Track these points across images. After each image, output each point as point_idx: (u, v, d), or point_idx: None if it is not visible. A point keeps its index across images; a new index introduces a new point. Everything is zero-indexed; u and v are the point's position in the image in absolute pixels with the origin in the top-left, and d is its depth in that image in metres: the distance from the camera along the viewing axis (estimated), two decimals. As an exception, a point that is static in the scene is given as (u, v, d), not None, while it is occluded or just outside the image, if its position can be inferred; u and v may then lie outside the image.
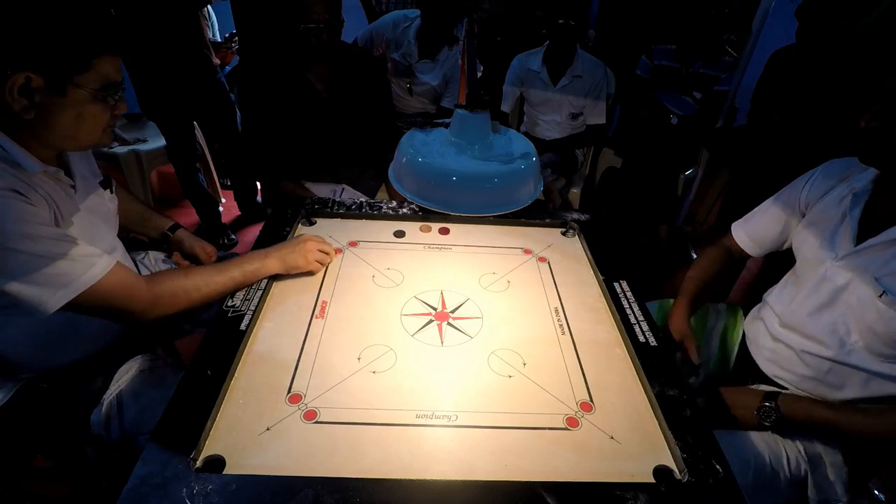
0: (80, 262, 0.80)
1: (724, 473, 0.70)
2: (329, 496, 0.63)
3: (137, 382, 0.98)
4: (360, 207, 1.29)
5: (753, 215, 1.17)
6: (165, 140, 2.26)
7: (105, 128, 0.86)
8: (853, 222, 0.94)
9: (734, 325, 1.22)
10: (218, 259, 1.26)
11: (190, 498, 0.62)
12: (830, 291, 0.96)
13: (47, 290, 0.77)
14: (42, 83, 0.74)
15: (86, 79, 0.78)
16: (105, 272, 0.82)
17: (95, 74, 0.79)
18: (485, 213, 1.00)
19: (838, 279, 0.94)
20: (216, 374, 0.79)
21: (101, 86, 0.80)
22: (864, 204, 0.94)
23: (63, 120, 0.80)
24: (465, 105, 0.97)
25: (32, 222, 0.75)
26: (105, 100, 0.82)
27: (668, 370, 0.87)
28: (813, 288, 0.99)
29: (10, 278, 0.74)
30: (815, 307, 0.98)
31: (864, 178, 0.95)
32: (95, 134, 0.85)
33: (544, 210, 1.30)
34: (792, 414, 0.93)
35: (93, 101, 0.80)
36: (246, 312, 0.92)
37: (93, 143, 0.87)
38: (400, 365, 0.87)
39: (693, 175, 2.47)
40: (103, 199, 1.01)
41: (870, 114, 0.84)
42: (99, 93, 0.80)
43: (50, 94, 0.76)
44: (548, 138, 2.39)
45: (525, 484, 0.67)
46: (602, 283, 1.09)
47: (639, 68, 2.31)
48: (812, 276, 1.00)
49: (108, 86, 0.81)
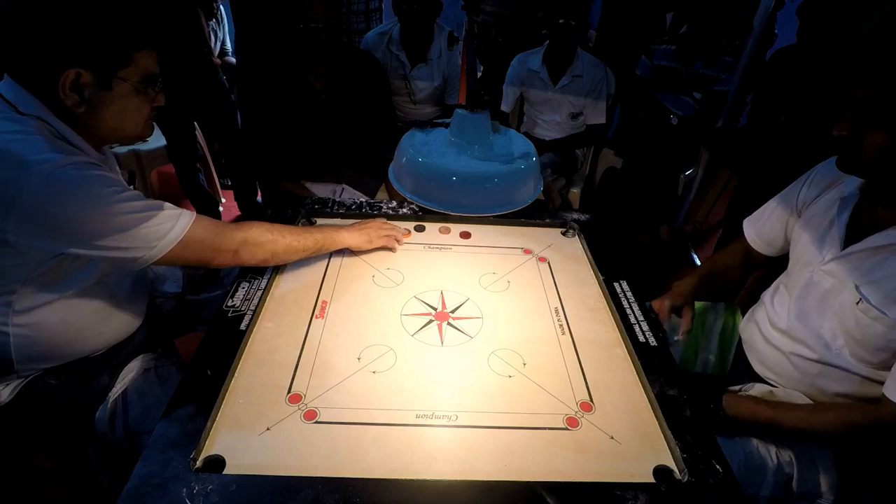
0: (168, 216, 0.84)
1: (724, 473, 0.70)
2: (329, 496, 0.63)
3: (142, 381, 0.99)
4: (360, 207, 1.29)
5: (762, 213, 1.16)
6: (165, 140, 2.26)
7: (147, 120, 0.90)
8: (840, 227, 0.93)
9: (732, 324, 1.21)
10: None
11: (190, 498, 0.62)
12: (817, 295, 0.95)
13: (146, 244, 0.82)
14: (91, 78, 0.79)
15: (128, 72, 0.82)
16: (191, 223, 0.87)
17: (137, 68, 0.83)
18: (485, 213, 1.00)
19: (824, 283, 0.94)
20: (216, 374, 0.79)
21: (142, 78, 0.84)
22: (852, 208, 0.93)
23: (110, 113, 0.84)
24: (465, 105, 0.97)
25: (118, 186, 0.81)
26: (146, 92, 0.86)
27: (668, 370, 0.87)
28: (801, 291, 0.99)
29: (111, 235, 0.79)
30: (803, 310, 0.98)
31: (853, 182, 0.94)
32: (139, 126, 0.90)
33: (544, 210, 1.30)
34: (736, 414, 0.93)
35: (135, 93, 0.85)
36: (246, 312, 0.92)
37: (137, 134, 0.91)
38: (400, 365, 0.87)
39: (693, 175, 2.47)
40: None
41: (841, 122, 0.84)
42: (140, 85, 0.84)
43: (98, 88, 0.80)
44: (548, 138, 2.39)
45: (525, 484, 0.67)
46: (602, 283, 1.09)
47: (639, 68, 2.31)
48: (800, 279, 0.99)
49: (149, 78, 0.86)
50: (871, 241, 0.88)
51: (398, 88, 2.25)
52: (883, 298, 0.85)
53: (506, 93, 2.38)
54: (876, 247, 0.87)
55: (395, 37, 2.17)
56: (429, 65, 2.21)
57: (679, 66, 2.20)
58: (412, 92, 2.26)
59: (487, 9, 0.98)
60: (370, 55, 1.87)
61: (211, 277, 1.28)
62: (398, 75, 2.21)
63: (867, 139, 0.80)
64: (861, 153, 0.82)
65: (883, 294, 0.85)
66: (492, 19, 0.99)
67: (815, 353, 0.95)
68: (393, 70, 2.20)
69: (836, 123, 0.85)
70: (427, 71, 2.22)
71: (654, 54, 2.26)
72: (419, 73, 2.22)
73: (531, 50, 2.31)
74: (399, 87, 2.24)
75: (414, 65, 2.20)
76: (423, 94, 2.27)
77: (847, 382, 0.93)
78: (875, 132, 0.79)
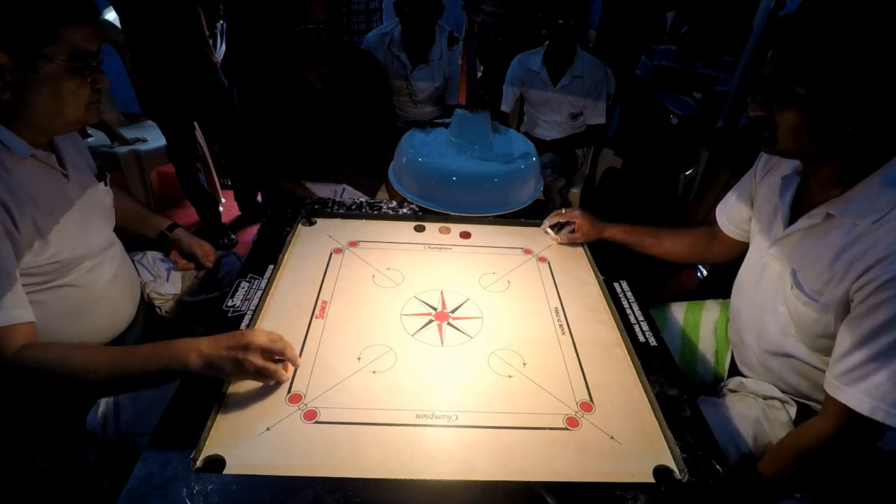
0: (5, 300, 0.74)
1: (723, 473, 0.70)
2: (329, 496, 0.63)
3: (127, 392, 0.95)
4: (360, 207, 1.29)
5: (728, 198, 1.12)
6: (165, 140, 2.26)
7: (88, 104, 0.83)
8: (784, 208, 0.89)
9: (724, 320, 1.18)
10: (217, 259, 1.26)
11: (190, 498, 0.62)
12: (770, 282, 0.91)
13: None
14: (9, 60, 0.72)
15: (55, 50, 0.75)
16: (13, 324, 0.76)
17: (64, 45, 0.76)
18: (485, 213, 0.99)
19: (774, 268, 0.90)
20: (216, 374, 0.79)
21: (70, 56, 0.77)
22: (795, 189, 0.89)
23: (40, 98, 0.77)
24: (465, 105, 0.97)
25: None
26: (80, 72, 0.79)
27: (668, 370, 0.87)
28: (757, 278, 0.95)
29: None
30: (760, 300, 0.94)
31: (792, 162, 0.90)
32: (79, 110, 0.82)
33: (544, 210, 1.30)
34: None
35: (67, 74, 0.77)
36: (246, 312, 0.92)
37: (78, 120, 0.84)
38: (400, 365, 0.87)
39: (693, 175, 2.47)
40: (98, 191, 1.00)
41: (755, 103, 0.79)
42: (71, 65, 0.77)
43: (20, 71, 0.74)
44: (548, 138, 2.39)
45: (525, 484, 0.67)
46: (602, 283, 1.09)
47: (639, 68, 2.31)
48: (756, 266, 0.96)
49: (80, 56, 0.78)
50: (802, 223, 0.84)
51: (399, 89, 2.25)
52: (812, 283, 0.82)
53: (506, 93, 2.38)
54: (806, 228, 0.84)
55: (396, 38, 2.18)
56: (430, 66, 2.22)
57: (679, 66, 2.20)
58: (413, 92, 2.26)
59: (487, 9, 0.98)
60: (370, 55, 1.87)
61: (210, 280, 1.28)
62: (399, 76, 2.22)
63: (779, 118, 0.76)
64: (776, 132, 0.78)
65: (812, 278, 0.82)
66: (492, 19, 0.98)
67: (773, 344, 0.92)
68: (394, 71, 2.20)
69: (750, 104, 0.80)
70: (428, 72, 2.22)
71: (654, 54, 2.25)
72: (420, 73, 2.22)
73: (531, 50, 2.30)
74: (400, 87, 2.24)
75: (415, 66, 2.21)
76: (424, 94, 2.27)
77: (806, 376, 0.91)
78: (785, 110, 0.75)
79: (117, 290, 1.04)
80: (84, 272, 0.94)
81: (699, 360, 1.16)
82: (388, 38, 2.19)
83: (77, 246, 0.91)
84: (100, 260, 0.99)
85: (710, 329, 1.18)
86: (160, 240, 1.22)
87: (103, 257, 1.00)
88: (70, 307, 0.93)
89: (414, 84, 2.24)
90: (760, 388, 0.97)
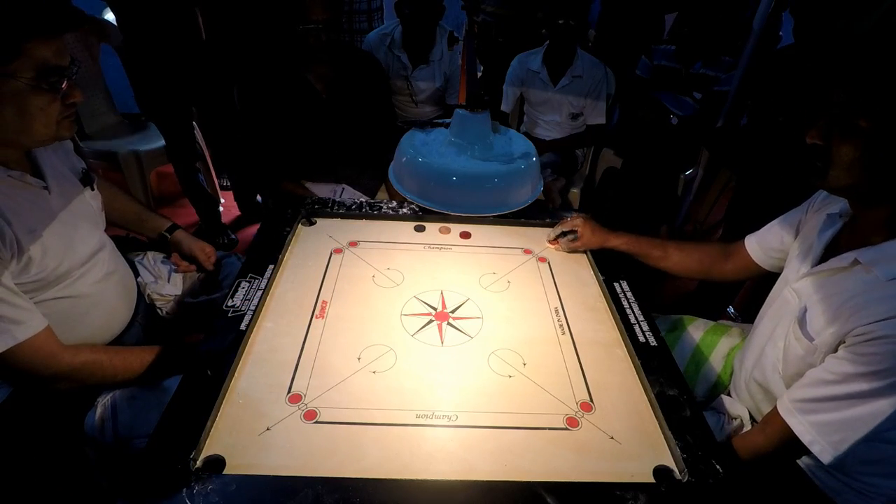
0: (8, 318, 0.75)
1: (724, 473, 0.70)
2: (329, 496, 0.63)
3: (132, 386, 0.96)
4: (360, 207, 1.29)
5: (773, 222, 1.08)
6: (165, 140, 2.26)
7: (59, 119, 0.79)
8: (820, 245, 0.87)
9: (740, 348, 1.15)
10: (218, 260, 1.26)
11: (190, 498, 0.62)
12: (784, 313, 0.89)
13: None
14: None
15: (19, 66, 0.71)
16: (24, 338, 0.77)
17: (30, 60, 0.71)
18: (485, 213, 0.99)
19: (792, 301, 0.88)
20: (216, 374, 0.79)
21: (38, 73, 0.73)
22: (840, 227, 0.86)
23: (7, 115, 0.73)
24: (465, 105, 0.97)
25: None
26: (49, 88, 0.75)
27: (668, 370, 0.87)
28: (774, 308, 0.94)
29: None
30: (768, 329, 0.93)
31: (842, 200, 0.86)
32: (49, 127, 0.78)
33: (544, 210, 1.30)
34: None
35: (33, 90, 0.73)
36: (246, 312, 0.92)
37: (48, 136, 0.80)
38: (400, 365, 0.87)
39: (693, 175, 2.47)
40: (84, 198, 0.97)
41: (815, 129, 0.75)
42: (38, 81, 0.73)
43: None
44: (548, 138, 2.39)
45: (525, 484, 0.67)
46: (602, 283, 1.09)
47: (638, 68, 2.31)
48: (777, 296, 0.94)
49: (48, 71, 0.74)
50: (830, 264, 0.82)
51: (400, 89, 2.25)
52: (814, 322, 0.80)
53: (506, 93, 2.38)
54: (831, 269, 0.81)
55: (396, 38, 2.18)
56: (430, 66, 2.22)
57: (679, 66, 2.20)
58: (414, 93, 2.27)
59: (487, 9, 0.98)
60: (370, 55, 1.87)
61: (210, 280, 1.28)
62: (400, 76, 2.22)
63: (836, 150, 0.72)
64: (830, 165, 0.74)
65: (815, 317, 0.80)
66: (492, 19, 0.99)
67: (762, 375, 0.91)
68: (395, 71, 2.21)
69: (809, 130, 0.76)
70: (429, 72, 2.23)
71: (653, 54, 2.26)
72: (421, 74, 2.23)
73: (531, 50, 2.30)
74: (401, 87, 2.25)
75: (416, 66, 2.21)
76: (424, 94, 2.28)
77: None
78: (844, 142, 0.71)
79: (110, 292, 1.02)
80: (72, 281, 0.92)
81: (701, 378, 1.15)
82: (389, 39, 2.20)
83: (63, 260, 0.89)
84: (88, 267, 0.96)
85: (723, 353, 1.16)
86: (160, 241, 1.22)
87: (92, 263, 0.97)
88: (61, 317, 0.90)
89: (414, 84, 2.25)
90: (734, 409, 0.98)
